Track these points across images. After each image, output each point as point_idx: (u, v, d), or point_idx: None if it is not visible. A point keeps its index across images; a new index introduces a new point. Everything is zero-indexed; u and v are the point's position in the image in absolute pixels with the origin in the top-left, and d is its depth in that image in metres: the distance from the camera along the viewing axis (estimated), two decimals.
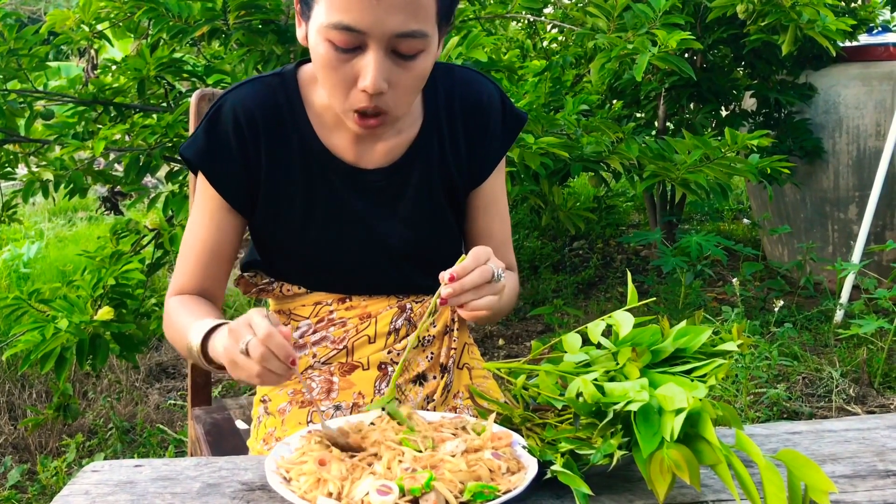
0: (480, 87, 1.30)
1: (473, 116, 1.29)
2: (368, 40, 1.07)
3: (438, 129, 1.27)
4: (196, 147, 1.22)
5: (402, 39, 1.07)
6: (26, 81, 2.78)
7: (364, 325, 1.30)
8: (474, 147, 1.30)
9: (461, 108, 1.28)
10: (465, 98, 1.29)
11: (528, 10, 3.11)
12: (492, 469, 0.88)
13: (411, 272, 1.30)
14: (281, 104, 1.23)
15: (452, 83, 1.29)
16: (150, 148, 2.59)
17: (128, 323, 2.38)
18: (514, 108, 1.33)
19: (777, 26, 2.97)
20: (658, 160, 2.71)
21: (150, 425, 2.83)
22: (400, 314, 1.32)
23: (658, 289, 4.03)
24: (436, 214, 1.29)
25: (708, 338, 0.98)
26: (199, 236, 1.26)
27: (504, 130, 1.32)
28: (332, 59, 1.09)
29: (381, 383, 1.29)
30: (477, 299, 1.02)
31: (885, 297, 3.11)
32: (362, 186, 1.25)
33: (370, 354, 1.30)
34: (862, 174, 4.06)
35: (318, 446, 0.93)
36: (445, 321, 1.36)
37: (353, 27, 1.05)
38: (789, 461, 0.84)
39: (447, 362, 1.34)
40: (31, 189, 2.73)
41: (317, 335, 1.31)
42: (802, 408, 2.91)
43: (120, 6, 2.73)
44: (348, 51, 1.08)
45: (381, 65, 1.08)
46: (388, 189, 1.26)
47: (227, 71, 2.73)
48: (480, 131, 1.29)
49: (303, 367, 1.31)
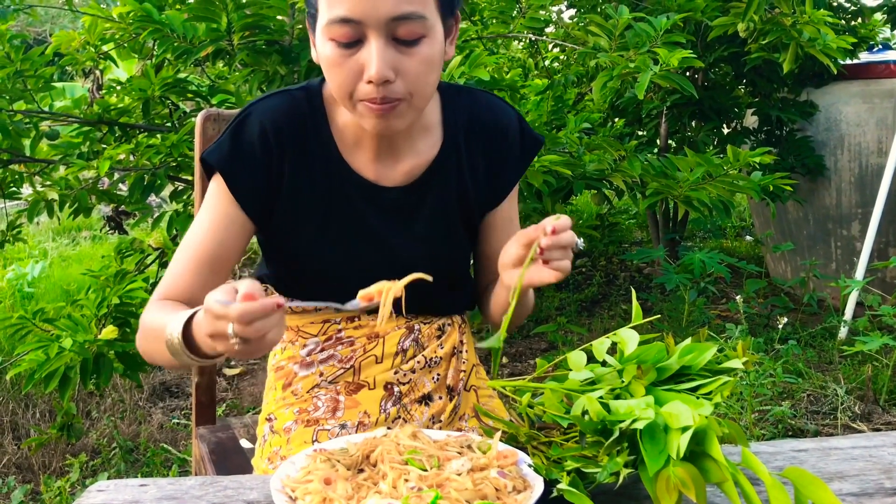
0: (500, 111, 1.32)
1: (493, 140, 1.30)
2: (367, 30, 1.08)
3: (457, 151, 1.28)
4: (220, 153, 1.22)
5: (399, 23, 1.08)
6: (32, 102, 2.80)
7: (372, 345, 1.30)
8: (493, 170, 1.31)
9: (482, 132, 1.30)
10: (486, 122, 1.30)
11: (530, 30, 3.13)
12: (498, 488, 0.88)
13: (422, 291, 1.30)
14: (305, 117, 1.24)
15: (473, 107, 1.30)
16: (155, 167, 2.60)
17: (132, 342, 2.38)
18: (531, 131, 1.35)
19: (778, 44, 2.99)
20: (660, 178, 2.72)
21: (154, 444, 2.83)
22: (408, 335, 1.32)
23: (661, 306, 4.03)
24: (450, 235, 1.30)
25: (713, 355, 0.98)
26: (201, 241, 1.23)
27: (522, 153, 1.33)
28: (336, 57, 1.11)
29: (386, 403, 1.29)
30: (560, 259, 1.08)
31: (889, 313, 3.10)
32: (380, 203, 1.25)
33: (377, 374, 1.30)
34: (864, 191, 4.07)
35: (323, 465, 0.92)
36: (453, 343, 1.36)
37: (349, 18, 1.07)
38: (796, 479, 0.83)
39: (456, 384, 1.34)
40: (36, 208, 2.74)
41: (324, 353, 1.31)
42: (808, 425, 2.89)
43: (125, 27, 2.75)
44: (350, 45, 1.10)
45: (383, 52, 1.09)
46: (405, 208, 1.27)
47: (231, 91, 2.75)
48: (500, 155, 1.31)
49: (309, 387, 1.31)
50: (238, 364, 3.64)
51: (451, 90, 1.31)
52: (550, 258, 1.07)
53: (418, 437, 0.98)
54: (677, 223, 4.54)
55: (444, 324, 1.36)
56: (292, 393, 1.32)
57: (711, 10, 3.11)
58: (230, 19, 2.47)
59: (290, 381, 1.33)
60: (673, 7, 3.03)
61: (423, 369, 1.32)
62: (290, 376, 1.33)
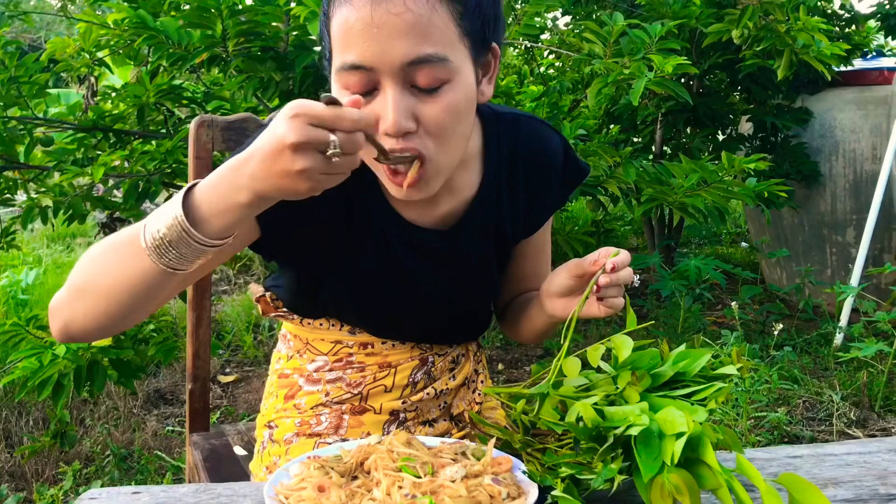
0: (546, 140, 1.23)
1: (536, 172, 1.22)
2: (381, 77, 0.97)
3: (498, 188, 1.19)
4: None
5: (415, 68, 0.96)
6: (26, 108, 2.79)
7: (383, 374, 1.26)
8: (533, 201, 1.24)
9: (523, 165, 1.21)
10: (529, 152, 1.21)
11: (526, 36, 3.13)
12: (492, 494, 0.87)
13: (440, 323, 1.27)
14: None
15: (517, 138, 1.20)
16: (150, 174, 2.60)
17: (126, 349, 2.37)
18: (576, 159, 1.27)
19: (772, 51, 3.00)
20: (656, 184, 2.73)
21: (148, 452, 2.81)
22: (421, 367, 1.28)
23: (657, 312, 4.03)
24: (483, 274, 1.24)
25: (708, 361, 0.98)
26: None
27: (564, 183, 1.26)
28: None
29: (390, 426, 1.26)
30: (615, 297, 1.06)
31: (884, 319, 3.11)
32: (416, 245, 1.17)
33: (384, 402, 1.27)
34: (859, 197, 4.08)
35: (317, 472, 0.92)
36: (466, 374, 1.33)
37: (359, 64, 0.96)
38: (790, 485, 0.83)
39: (467, 414, 1.31)
40: (31, 215, 2.73)
41: (333, 374, 1.27)
42: (803, 432, 2.89)
43: (120, 34, 2.75)
44: (365, 95, 0.98)
45: (399, 102, 0.96)
46: (441, 252, 1.19)
47: (226, 97, 2.75)
48: (541, 185, 1.23)
49: (313, 404, 1.27)
50: (232, 372, 3.63)
51: (493, 117, 1.20)
52: (606, 295, 1.05)
53: (412, 444, 0.98)
54: (672, 229, 4.54)
55: (458, 356, 1.33)
56: (294, 406, 1.29)
57: (706, 17, 3.12)
58: (225, 26, 2.47)
59: (293, 393, 1.29)
60: (668, 14, 3.04)
61: (433, 399, 1.30)
62: (293, 388, 1.29)
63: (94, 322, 0.99)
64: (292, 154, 0.82)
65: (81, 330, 1.01)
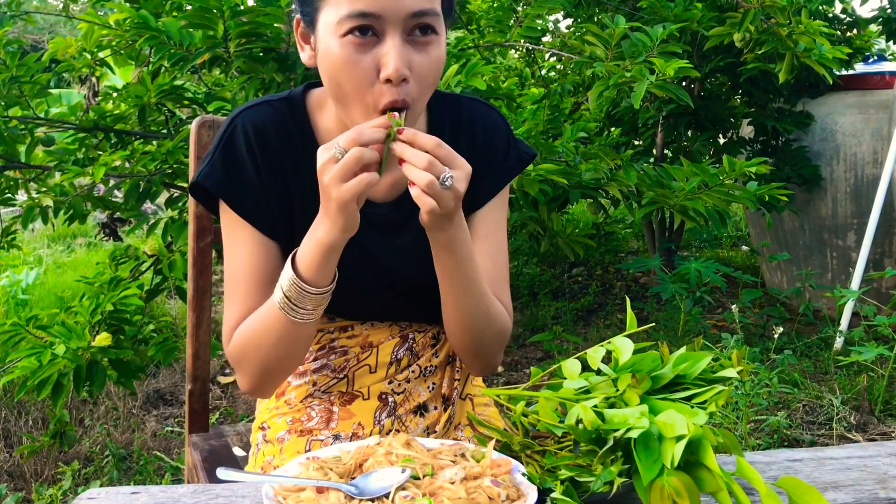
0: (485, 112, 1.29)
1: (477, 138, 1.27)
2: (385, 25, 1.05)
3: None
4: (215, 177, 1.18)
5: (417, 20, 1.05)
6: (28, 108, 2.79)
7: (365, 355, 1.29)
8: (477, 169, 1.23)
9: (466, 132, 1.26)
10: (469, 121, 1.27)
11: (527, 39, 3.14)
12: (491, 497, 0.87)
13: (414, 302, 1.28)
14: (290, 127, 1.21)
15: (459, 120, 1.27)
16: (150, 174, 2.60)
17: (125, 349, 2.37)
18: (520, 144, 1.31)
19: (774, 55, 3.00)
20: (656, 187, 2.72)
21: (147, 452, 2.81)
22: (402, 344, 1.30)
23: (657, 315, 4.03)
24: None
25: (708, 364, 0.98)
26: (240, 265, 1.19)
27: (506, 162, 1.29)
28: (349, 55, 1.06)
29: (381, 414, 1.28)
30: (419, 168, 1.01)
31: (884, 323, 3.11)
32: (367, 219, 1.18)
33: (371, 384, 1.29)
34: (860, 201, 4.08)
35: (316, 473, 0.92)
36: (448, 351, 1.34)
37: (369, 12, 1.04)
38: (791, 489, 0.83)
39: (450, 393, 1.33)
40: (31, 215, 2.73)
41: (317, 363, 1.30)
42: (803, 435, 2.89)
43: (122, 34, 2.75)
44: (366, 41, 1.05)
45: (401, 50, 1.05)
46: (393, 223, 1.23)
47: (227, 98, 2.75)
48: (481, 157, 1.25)
49: (302, 396, 1.30)
50: (232, 373, 3.63)
51: (435, 96, 1.26)
52: (405, 157, 1.03)
53: (412, 446, 0.98)
54: (673, 233, 4.55)
55: (438, 332, 1.34)
56: (285, 402, 1.31)
57: (707, 21, 3.13)
58: (227, 26, 2.47)
59: (283, 390, 1.32)
60: (669, 17, 3.04)
61: (418, 378, 1.31)
62: (283, 385, 1.32)
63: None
64: (330, 200, 1.03)
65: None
